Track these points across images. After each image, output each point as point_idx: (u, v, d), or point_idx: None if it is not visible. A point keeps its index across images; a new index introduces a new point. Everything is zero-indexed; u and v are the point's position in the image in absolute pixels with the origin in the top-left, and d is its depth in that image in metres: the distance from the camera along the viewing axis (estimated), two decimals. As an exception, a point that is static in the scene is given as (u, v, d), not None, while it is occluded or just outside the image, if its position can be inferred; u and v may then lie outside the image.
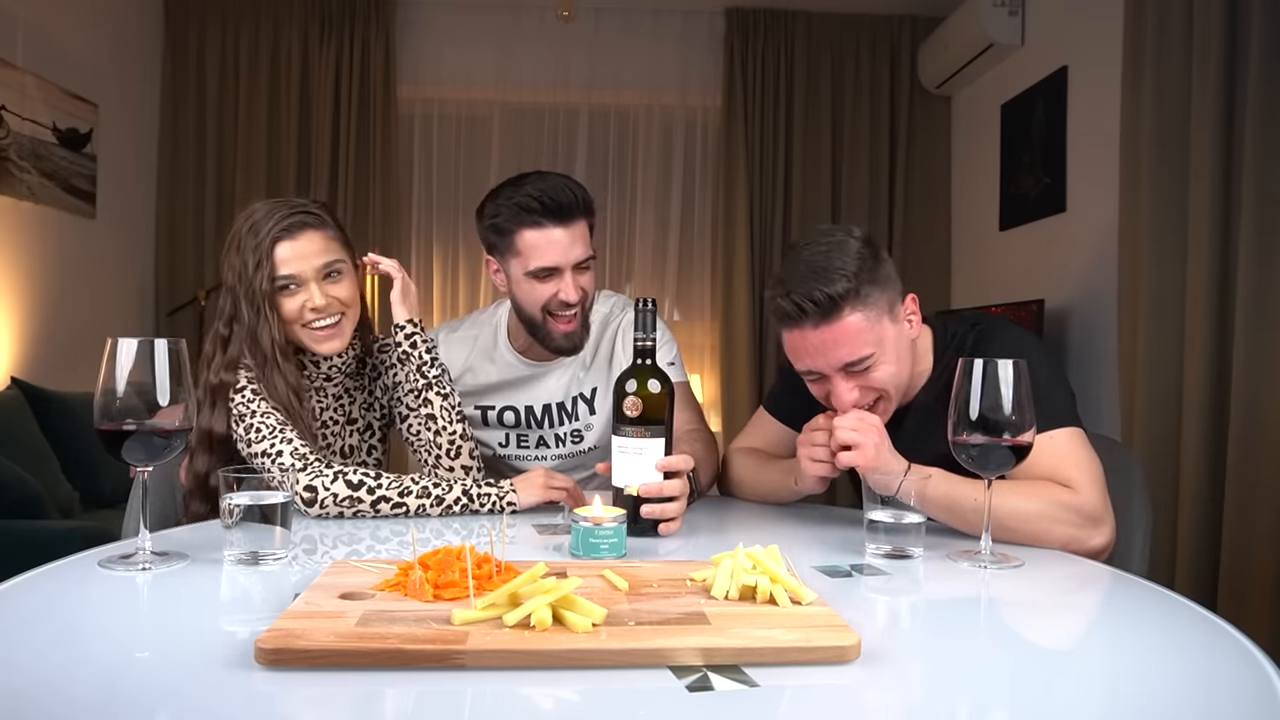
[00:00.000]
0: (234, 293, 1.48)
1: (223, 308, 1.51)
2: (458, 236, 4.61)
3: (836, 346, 1.31)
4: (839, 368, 1.32)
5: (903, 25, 4.61)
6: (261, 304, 1.45)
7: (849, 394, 1.33)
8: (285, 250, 1.46)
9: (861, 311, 1.31)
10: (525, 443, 1.79)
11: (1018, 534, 1.24)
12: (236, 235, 1.49)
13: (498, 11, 4.51)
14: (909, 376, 1.40)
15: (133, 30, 4.30)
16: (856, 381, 1.33)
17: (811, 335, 1.32)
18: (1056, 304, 3.54)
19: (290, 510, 1.10)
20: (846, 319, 1.30)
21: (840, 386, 1.33)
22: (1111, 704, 0.74)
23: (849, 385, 1.33)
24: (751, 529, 1.43)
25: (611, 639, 0.77)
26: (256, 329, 1.46)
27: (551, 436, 1.78)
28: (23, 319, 3.48)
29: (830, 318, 1.30)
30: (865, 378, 1.33)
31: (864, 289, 1.31)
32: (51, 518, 2.67)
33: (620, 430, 1.29)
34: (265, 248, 1.45)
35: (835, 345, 1.31)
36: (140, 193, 4.36)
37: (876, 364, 1.33)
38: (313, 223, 1.49)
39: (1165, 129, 2.68)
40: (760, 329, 4.60)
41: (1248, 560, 2.36)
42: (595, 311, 1.75)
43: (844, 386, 1.33)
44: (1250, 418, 2.37)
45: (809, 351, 1.34)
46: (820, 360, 1.33)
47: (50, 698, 0.69)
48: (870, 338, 1.32)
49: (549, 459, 1.78)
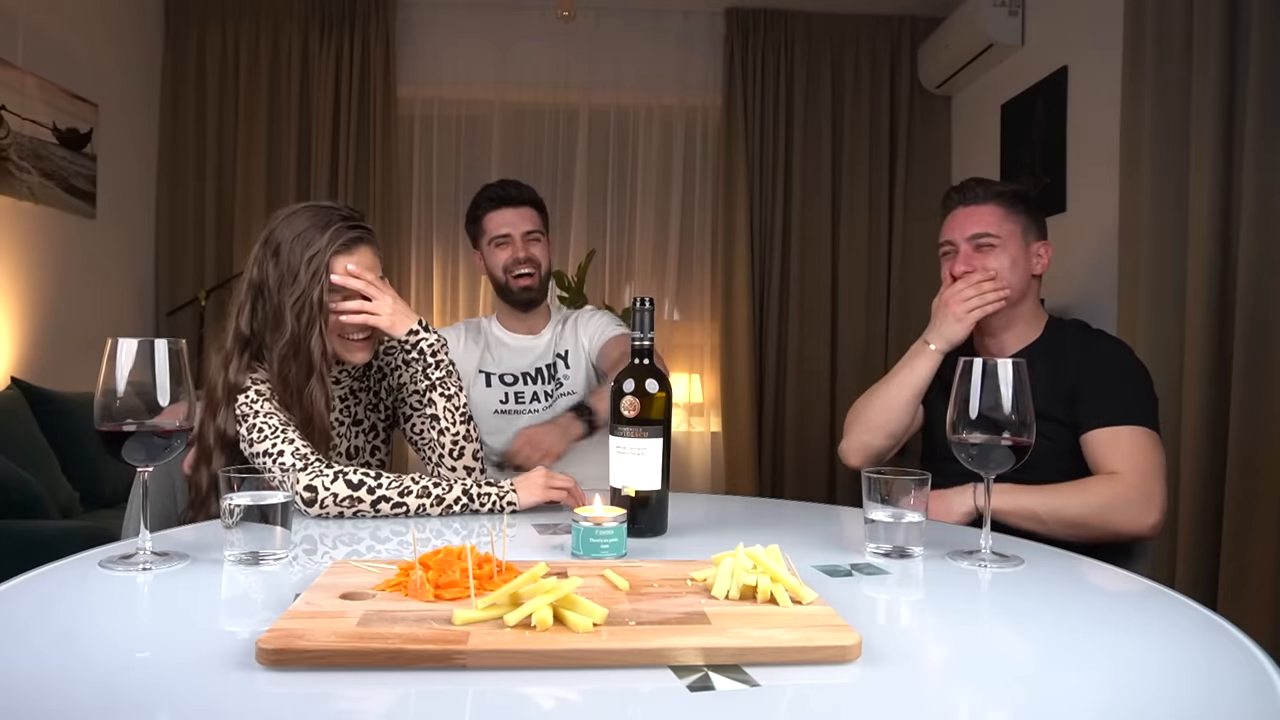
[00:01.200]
0: (272, 297, 1.47)
1: (243, 305, 1.50)
2: (458, 236, 4.61)
3: (973, 221, 1.67)
4: (968, 237, 1.66)
5: (903, 25, 4.61)
6: (316, 314, 1.46)
7: (966, 259, 1.66)
8: (342, 264, 1.48)
9: (1003, 210, 1.66)
10: (521, 399, 2.18)
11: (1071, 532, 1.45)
12: (277, 241, 1.48)
13: (497, 11, 4.51)
14: (1018, 296, 1.66)
15: (133, 30, 4.30)
16: (977, 259, 1.65)
17: (960, 212, 1.69)
18: (1056, 303, 3.54)
19: (290, 510, 1.10)
20: (989, 205, 1.67)
21: (962, 256, 1.67)
22: (1111, 704, 0.74)
23: (969, 256, 1.66)
24: (752, 529, 1.43)
25: (612, 639, 0.77)
26: (304, 338, 1.46)
27: (542, 392, 2.19)
28: (23, 319, 3.48)
29: (978, 202, 1.67)
30: (984, 257, 1.65)
31: (1012, 203, 1.67)
32: (51, 518, 2.67)
33: (618, 430, 1.29)
34: (325, 260, 1.46)
35: (973, 221, 1.67)
36: (140, 193, 4.36)
37: (996, 251, 1.65)
38: (368, 239, 1.52)
39: (1165, 129, 2.68)
40: (760, 329, 4.60)
41: (1248, 560, 2.36)
42: (567, 313, 2.30)
43: (963, 254, 1.67)
44: (1250, 417, 2.37)
45: (953, 225, 1.69)
46: (957, 231, 1.68)
47: (50, 698, 0.69)
48: (1001, 229, 1.65)
49: (540, 411, 2.16)
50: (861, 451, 1.74)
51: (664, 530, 1.30)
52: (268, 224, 1.53)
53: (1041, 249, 1.70)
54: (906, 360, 1.70)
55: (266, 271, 1.49)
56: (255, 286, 1.50)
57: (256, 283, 1.50)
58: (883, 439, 1.72)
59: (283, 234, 1.49)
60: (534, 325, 2.25)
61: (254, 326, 1.50)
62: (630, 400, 1.28)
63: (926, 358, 1.67)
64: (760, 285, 4.61)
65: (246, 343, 1.49)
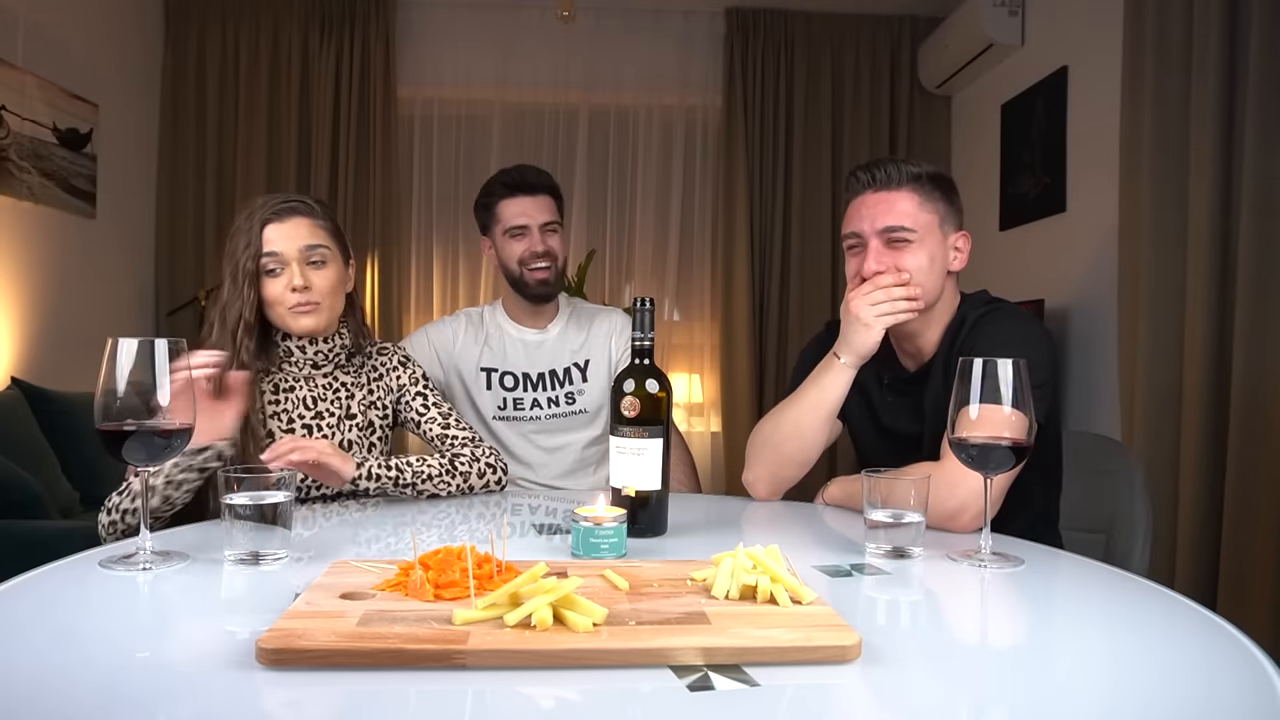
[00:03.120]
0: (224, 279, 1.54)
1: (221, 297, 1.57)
2: (458, 236, 4.61)
3: (885, 212, 1.44)
4: (879, 230, 1.44)
5: (903, 25, 4.61)
6: (243, 282, 1.51)
7: (877, 259, 1.44)
8: (272, 231, 1.53)
9: (919, 197, 1.45)
10: (521, 405, 2.06)
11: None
12: (235, 225, 1.56)
13: (497, 11, 4.51)
14: (933, 299, 1.47)
15: (133, 30, 4.30)
16: (889, 257, 1.44)
17: (869, 198, 1.46)
18: (1056, 304, 3.54)
19: (290, 510, 1.10)
20: (903, 191, 1.45)
21: (872, 251, 1.45)
22: (1111, 704, 0.74)
23: (882, 254, 1.44)
24: (752, 529, 1.43)
25: (612, 639, 0.77)
26: (228, 303, 1.52)
27: (544, 399, 2.05)
28: (23, 319, 3.48)
29: (890, 187, 1.45)
30: (897, 255, 1.44)
31: (928, 188, 1.46)
32: (51, 518, 2.67)
33: (618, 430, 1.29)
34: (255, 229, 1.52)
35: (884, 210, 1.44)
36: (140, 193, 4.36)
37: (911, 249, 1.44)
38: (302, 210, 1.56)
39: (1165, 129, 2.68)
40: (760, 329, 4.60)
41: (1248, 560, 2.36)
42: (578, 306, 2.16)
43: (874, 252, 1.45)
44: (1250, 417, 2.37)
45: (861, 214, 1.47)
46: (866, 223, 1.46)
47: (50, 698, 0.69)
48: (916, 220, 1.44)
49: (542, 418, 2.05)
50: (770, 482, 1.56)
51: (664, 530, 1.30)
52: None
53: (960, 241, 1.50)
54: (815, 377, 1.51)
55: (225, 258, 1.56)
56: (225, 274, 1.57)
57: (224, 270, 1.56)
58: (794, 469, 1.54)
59: (239, 218, 1.56)
60: (542, 319, 2.11)
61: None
62: (630, 400, 1.28)
63: (837, 372, 1.48)
64: (760, 285, 4.61)
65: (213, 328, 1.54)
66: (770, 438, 1.55)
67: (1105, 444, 1.78)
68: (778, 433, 1.54)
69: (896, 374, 1.57)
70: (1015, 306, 1.53)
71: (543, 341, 2.09)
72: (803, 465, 1.54)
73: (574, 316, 2.13)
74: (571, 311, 2.14)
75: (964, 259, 1.50)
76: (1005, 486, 1.34)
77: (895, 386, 1.57)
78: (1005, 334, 1.41)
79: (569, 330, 2.11)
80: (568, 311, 2.14)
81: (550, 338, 2.09)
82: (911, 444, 1.51)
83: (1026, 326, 1.45)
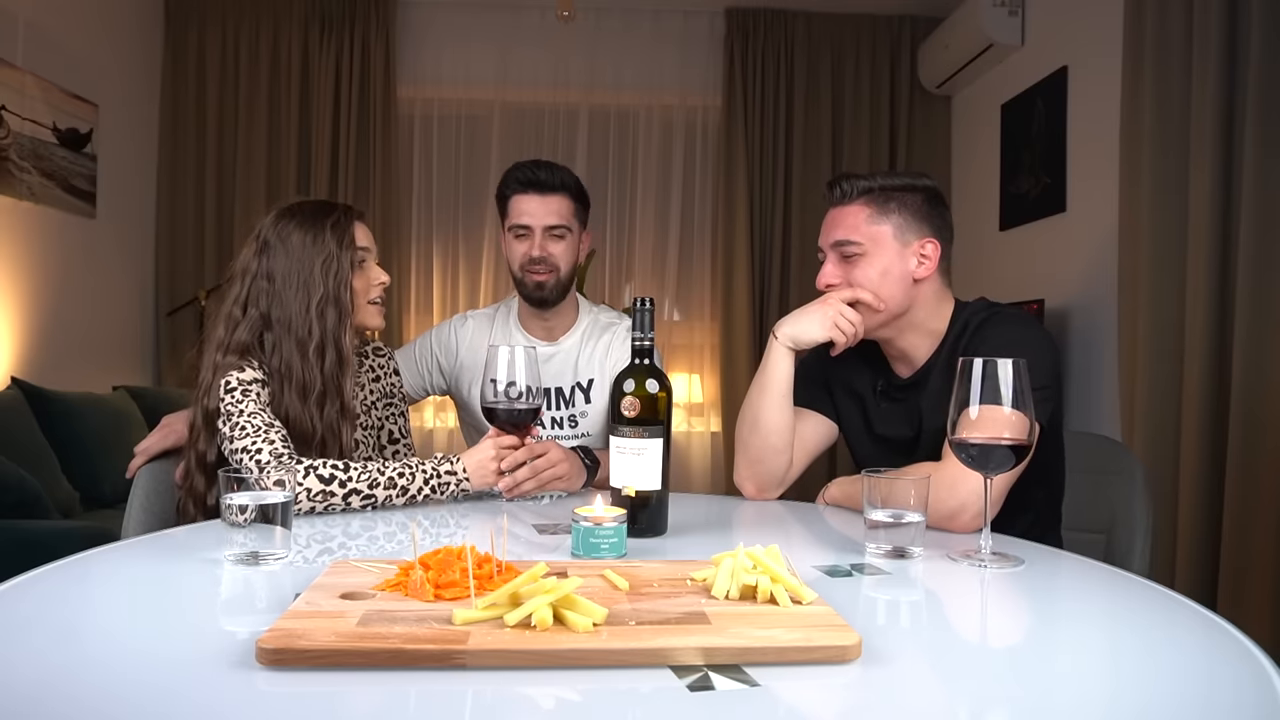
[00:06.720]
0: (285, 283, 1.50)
1: (240, 296, 1.52)
2: (458, 236, 4.62)
3: (836, 226, 1.50)
4: (831, 244, 1.50)
5: (903, 25, 4.61)
6: (344, 293, 1.52)
7: (829, 274, 1.50)
8: (360, 235, 1.59)
9: (871, 209, 1.48)
10: None
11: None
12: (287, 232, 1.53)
13: (497, 11, 4.52)
14: (898, 307, 1.48)
15: (133, 30, 4.30)
16: (843, 270, 1.49)
17: (830, 213, 1.53)
18: (1056, 304, 3.54)
19: (290, 510, 1.10)
20: (854, 206, 1.49)
21: (827, 266, 1.51)
22: (1111, 704, 0.74)
23: (834, 269, 1.50)
24: (752, 529, 1.43)
25: (612, 639, 0.77)
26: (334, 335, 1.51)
27: (548, 419, 1.94)
28: (23, 319, 3.48)
29: (844, 202, 1.50)
30: (849, 269, 1.48)
31: (885, 199, 1.48)
32: (51, 518, 2.67)
33: (618, 430, 1.29)
34: (347, 229, 1.56)
35: (836, 224, 1.50)
36: (140, 193, 4.36)
37: (862, 261, 1.47)
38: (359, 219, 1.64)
39: (1165, 129, 2.68)
40: (760, 329, 4.60)
41: (1248, 560, 2.36)
42: (599, 317, 2.05)
43: (828, 266, 1.51)
44: (1250, 417, 2.37)
45: (824, 228, 1.54)
46: (824, 236, 1.53)
47: (50, 697, 0.69)
48: (866, 232, 1.47)
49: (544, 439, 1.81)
50: (753, 479, 1.57)
51: (664, 530, 1.30)
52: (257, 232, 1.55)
53: (926, 247, 1.47)
54: (762, 364, 1.54)
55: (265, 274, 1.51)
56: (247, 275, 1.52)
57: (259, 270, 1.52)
58: (770, 460, 1.54)
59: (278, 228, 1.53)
60: (554, 328, 1.99)
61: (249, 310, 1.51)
62: (630, 400, 1.28)
63: (777, 354, 1.51)
64: (760, 285, 4.61)
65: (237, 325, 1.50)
66: (739, 434, 1.59)
67: (1105, 444, 1.78)
68: (742, 427, 1.58)
69: (890, 381, 1.58)
70: (1017, 311, 1.53)
71: (552, 355, 1.96)
72: (777, 454, 1.54)
73: (590, 331, 2.01)
74: (590, 323, 2.02)
75: (931, 266, 1.48)
76: (1005, 487, 1.34)
77: (889, 393, 1.57)
78: (1008, 338, 1.40)
79: (581, 345, 2.00)
80: (586, 322, 2.02)
81: (560, 351, 1.98)
82: (905, 449, 1.51)
83: (1030, 330, 1.45)
